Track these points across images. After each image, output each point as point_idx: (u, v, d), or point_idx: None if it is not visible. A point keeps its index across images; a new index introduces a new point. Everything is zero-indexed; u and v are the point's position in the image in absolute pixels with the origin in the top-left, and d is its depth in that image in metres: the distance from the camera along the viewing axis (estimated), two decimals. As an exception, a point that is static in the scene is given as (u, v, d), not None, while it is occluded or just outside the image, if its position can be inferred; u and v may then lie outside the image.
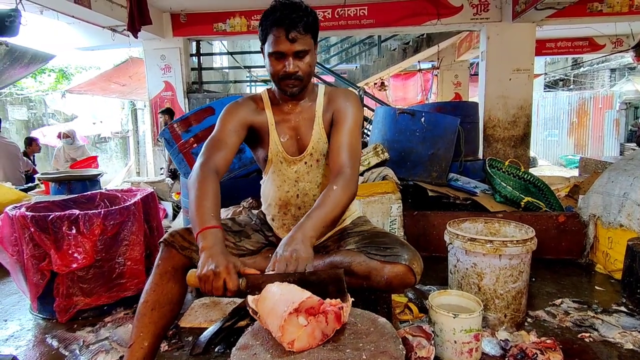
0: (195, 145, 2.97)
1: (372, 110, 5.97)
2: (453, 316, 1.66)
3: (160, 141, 5.45)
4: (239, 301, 2.16)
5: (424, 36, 7.72)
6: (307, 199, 1.59)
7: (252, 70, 8.51)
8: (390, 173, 3.02)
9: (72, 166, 6.05)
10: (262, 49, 1.50)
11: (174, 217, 4.32)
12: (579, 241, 2.97)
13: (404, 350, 1.04)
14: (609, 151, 11.84)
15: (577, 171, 7.12)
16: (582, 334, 1.95)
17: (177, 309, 1.46)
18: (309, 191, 1.59)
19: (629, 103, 11.74)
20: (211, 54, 8.13)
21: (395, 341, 1.07)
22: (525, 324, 2.06)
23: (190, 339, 1.97)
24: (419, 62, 9.48)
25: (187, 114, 3.00)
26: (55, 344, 2.01)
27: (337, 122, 1.51)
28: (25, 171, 5.62)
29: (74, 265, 2.14)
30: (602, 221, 2.79)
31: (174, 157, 3.16)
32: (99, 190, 3.07)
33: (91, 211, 2.22)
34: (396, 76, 10.70)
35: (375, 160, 3.13)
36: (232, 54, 7.71)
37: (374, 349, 1.04)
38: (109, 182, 7.80)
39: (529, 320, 2.10)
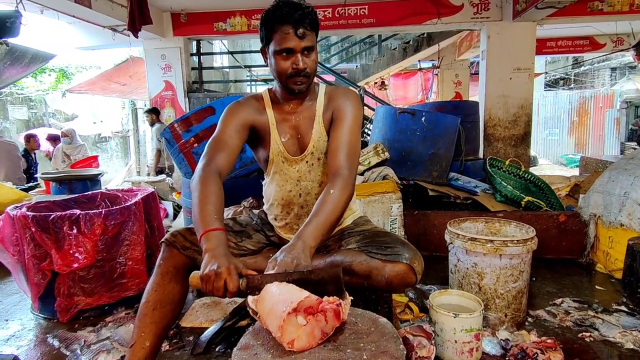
0: (195, 144, 2.97)
1: (372, 109, 5.97)
2: (454, 316, 1.66)
3: (161, 140, 5.46)
4: (239, 301, 2.17)
5: (424, 35, 7.71)
6: (310, 197, 1.59)
7: (253, 70, 8.49)
8: (391, 172, 3.02)
9: (72, 166, 6.05)
10: (263, 50, 1.50)
11: (175, 216, 4.33)
12: (579, 241, 2.97)
13: (404, 350, 1.04)
14: (610, 150, 11.84)
15: (577, 170, 7.12)
16: (583, 333, 1.96)
17: (178, 309, 1.47)
18: (311, 190, 1.59)
19: (629, 102, 11.71)
20: (211, 53, 8.12)
21: (395, 341, 1.07)
22: (526, 323, 2.07)
23: (191, 338, 1.97)
24: (420, 61, 9.46)
25: (188, 114, 3.00)
26: (56, 343, 2.01)
27: (337, 120, 1.51)
28: (23, 170, 5.62)
29: (75, 265, 2.14)
30: (602, 220, 2.79)
31: (174, 156, 3.16)
32: (100, 190, 3.08)
33: (92, 211, 2.22)
34: (396, 75, 10.68)
35: (376, 160, 3.13)
36: (233, 53, 7.70)
37: (374, 348, 1.04)
38: (109, 182, 7.80)
39: (529, 319, 2.11)
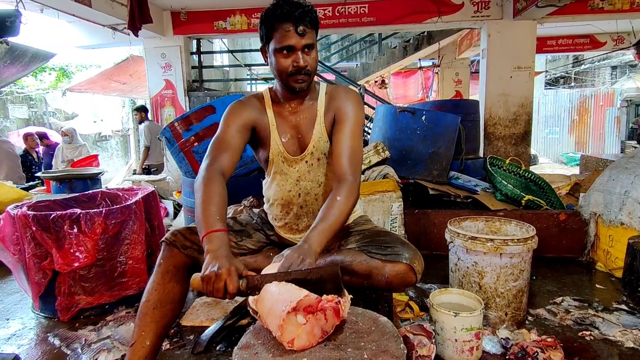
0: (196, 143, 2.97)
1: (372, 108, 5.96)
2: (454, 315, 1.66)
3: (161, 139, 5.46)
4: (240, 300, 2.17)
5: (425, 34, 7.69)
6: (309, 197, 1.59)
7: (253, 68, 8.49)
8: (391, 171, 3.02)
9: (72, 165, 6.05)
10: (262, 49, 1.49)
11: (175, 215, 4.33)
12: (579, 239, 2.97)
13: (405, 350, 1.04)
14: (610, 149, 11.83)
15: (577, 169, 7.12)
16: (583, 332, 1.96)
17: (178, 308, 1.47)
18: (311, 190, 1.59)
19: (630, 100, 11.69)
20: (212, 52, 8.11)
21: (396, 340, 1.07)
22: (526, 322, 2.07)
23: (191, 337, 1.98)
24: (420, 59, 9.45)
25: (188, 113, 3.00)
26: (57, 342, 2.02)
27: (339, 122, 1.50)
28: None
29: (76, 264, 2.14)
30: (603, 219, 2.79)
31: (174, 155, 3.16)
32: (100, 189, 3.08)
33: (92, 210, 2.23)
34: (397, 74, 10.66)
35: (376, 159, 3.12)
36: (233, 52, 7.69)
37: (375, 348, 1.04)
38: (109, 181, 7.81)
39: (529, 318, 2.11)
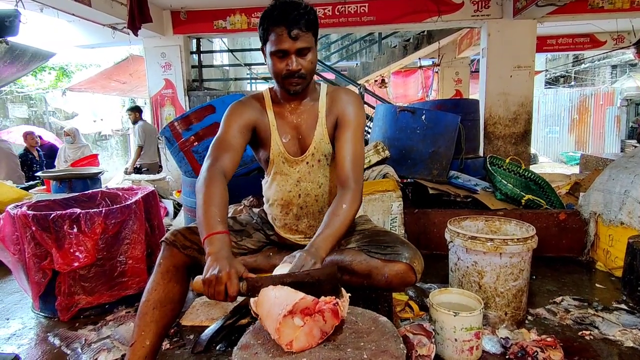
0: (196, 143, 2.97)
1: (372, 107, 5.96)
2: (454, 314, 1.66)
3: (161, 139, 5.46)
4: (240, 299, 2.17)
5: (425, 33, 7.68)
6: (309, 199, 1.59)
7: (253, 68, 8.47)
8: (391, 171, 3.02)
9: (73, 164, 6.05)
10: (262, 49, 1.49)
11: (175, 215, 4.33)
12: (579, 239, 2.97)
13: (404, 350, 1.04)
14: (610, 148, 11.81)
15: (577, 168, 7.12)
16: (583, 331, 1.96)
17: (178, 308, 1.47)
18: (311, 191, 1.58)
19: (630, 100, 11.68)
20: (211, 51, 8.10)
21: (396, 340, 1.07)
22: (526, 321, 2.07)
23: (191, 337, 1.98)
24: (420, 59, 9.44)
25: (188, 112, 3.00)
26: (57, 342, 2.02)
27: (341, 127, 1.51)
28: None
29: (76, 264, 2.15)
30: (602, 219, 2.79)
31: (174, 155, 3.16)
32: (100, 188, 3.08)
33: (92, 210, 2.23)
34: (397, 73, 10.66)
35: (376, 158, 3.13)
36: (233, 51, 7.67)
37: (374, 348, 1.04)
38: (109, 180, 7.79)
39: (529, 318, 2.11)
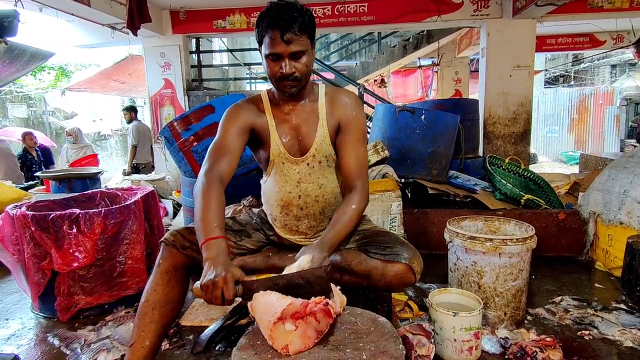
0: (195, 143, 2.97)
1: (372, 107, 5.96)
2: (453, 314, 1.66)
3: (160, 139, 5.46)
4: (239, 301, 2.17)
5: (424, 33, 7.68)
6: (309, 199, 1.59)
7: (252, 68, 8.46)
8: (390, 171, 3.02)
9: (72, 164, 6.05)
10: (259, 50, 1.50)
11: (175, 215, 4.33)
12: (579, 239, 2.97)
13: (404, 350, 1.04)
14: (610, 147, 11.81)
15: (577, 168, 7.13)
16: (582, 331, 1.96)
17: (178, 308, 1.47)
18: (311, 192, 1.58)
19: (629, 99, 11.67)
20: (211, 51, 8.10)
21: (395, 341, 1.07)
22: (525, 321, 2.07)
23: (191, 337, 1.98)
24: (419, 58, 9.44)
25: (187, 112, 3.00)
26: (56, 342, 2.02)
27: (345, 131, 1.53)
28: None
29: (75, 264, 2.14)
30: (602, 219, 2.80)
31: (173, 155, 3.16)
32: (100, 188, 3.08)
33: (92, 210, 2.22)
34: (396, 73, 10.64)
35: (376, 158, 3.13)
36: (232, 51, 7.66)
37: (374, 348, 1.05)
38: (109, 180, 7.79)
39: (528, 318, 2.11)
